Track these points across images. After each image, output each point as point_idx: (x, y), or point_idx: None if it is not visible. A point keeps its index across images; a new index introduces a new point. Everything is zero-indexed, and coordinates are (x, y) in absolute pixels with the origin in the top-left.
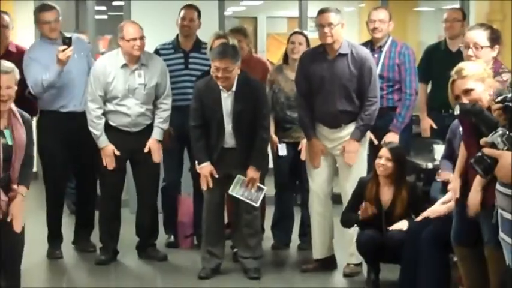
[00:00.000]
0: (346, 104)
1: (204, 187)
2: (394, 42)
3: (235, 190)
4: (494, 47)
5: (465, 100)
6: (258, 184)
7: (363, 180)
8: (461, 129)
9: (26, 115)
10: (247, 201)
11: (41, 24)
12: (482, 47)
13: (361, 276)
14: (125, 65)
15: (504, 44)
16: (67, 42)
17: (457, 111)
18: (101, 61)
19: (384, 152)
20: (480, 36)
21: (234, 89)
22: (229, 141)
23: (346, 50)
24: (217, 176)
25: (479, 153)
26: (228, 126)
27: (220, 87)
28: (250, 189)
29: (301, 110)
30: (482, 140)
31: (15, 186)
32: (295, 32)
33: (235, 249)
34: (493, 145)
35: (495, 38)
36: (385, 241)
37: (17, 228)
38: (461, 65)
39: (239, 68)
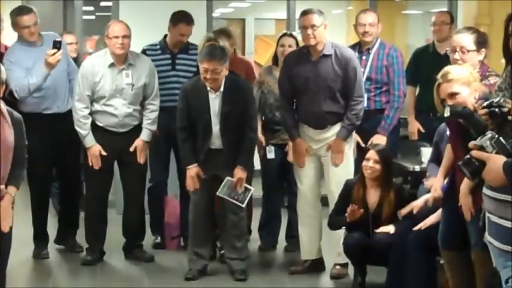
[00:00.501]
0: (331, 105)
1: (190, 188)
2: (382, 44)
3: (223, 191)
4: (481, 51)
5: (450, 104)
6: (245, 185)
7: (349, 183)
8: (448, 132)
9: (17, 115)
10: (234, 201)
11: (19, 28)
12: (468, 51)
13: (348, 278)
14: (112, 65)
15: (492, 47)
16: (57, 46)
17: (447, 113)
18: (89, 61)
19: (372, 154)
20: (467, 40)
21: (221, 89)
22: (216, 142)
23: (330, 50)
24: (204, 177)
25: (467, 156)
26: (216, 127)
27: (208, 88)
28: (238, 190)
29: (284, 111)
30: (471, 143)
31: (2, 187)
32: (285, 34)
33: (222, 251)
34: (481, 148)
35: (482, 42)
36: (372, 244)
37: (5, 228)
38: (446, 68)
39: (227, 69)
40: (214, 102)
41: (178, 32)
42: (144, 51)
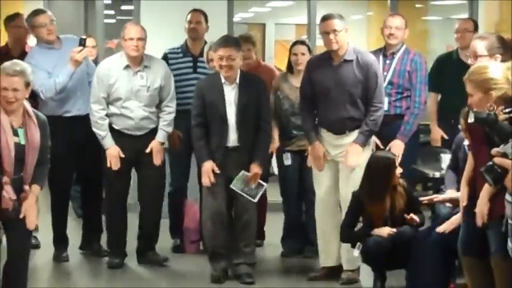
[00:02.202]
0: (352, 110)
1: (206, 184)
2: (407, 50)
3: (237, 185)
4: (495, 56)
5: (469, 101)
6: (259, 181)
7: (358, 195)
8: (465, 142)
9: (42, 116)
10: (246, 196)
11: (37, 28)
12: (478, 56)
13: (359, 284)
14: (127, 67)
15: None
16: (83, 43)
17: (471, 119)
18: (104, 63)
19: (396, 160)
20: (479, 45)
21: (237, 81)
22: (233, 137)
23: (352, 56)
24: (218, 171)
25: (490, 163)
26: (232, 119)
27: (223, 81)
28: (251, 185)
29: (304, 114)
30: (494, 150)
31: (26, 187)
32: (296, 43)
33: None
34: (504, 155)
35: (497, 47)
36: (395, 238)
37: (31, 226)
38: (479, 65)
39: (241, 60)
40: (230, 94)
41: (188, 21)
42: (165, 55)
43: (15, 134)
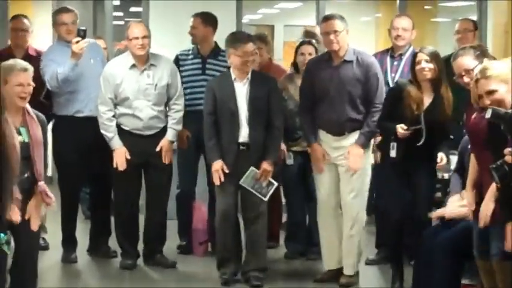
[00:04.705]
0: (351, 111)
1: (217, 182)
2: (415, 51)
3: (247, 182)
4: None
5: (487, 101)
6: (270, 179)
7: (399, 84)
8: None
9: (41, 116)
10: (257, 194)
11: (58, 25)
12: (471, 70)
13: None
14: (133, 66)
15: None
16: (82, 34)
17: (488, 115)
18: (110, 64)
19: (420, 55)
20: (466, 61)
21: (249, 77)
22: (244, 133)
23: (352, 57)
24: (227, 171)
25: (500, 161)
26: (243, 115)
27: (233, 77)
28: (261, 183)
29: (303, 116)
30: (507, 150)
31: (41, 183)
32: (303, 43)
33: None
34: None
35: (479, 55)
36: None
37: (34, 227)
38: (485, 63)
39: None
40: (242, 90)
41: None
42: (177, 57)
43: (18, 133)
